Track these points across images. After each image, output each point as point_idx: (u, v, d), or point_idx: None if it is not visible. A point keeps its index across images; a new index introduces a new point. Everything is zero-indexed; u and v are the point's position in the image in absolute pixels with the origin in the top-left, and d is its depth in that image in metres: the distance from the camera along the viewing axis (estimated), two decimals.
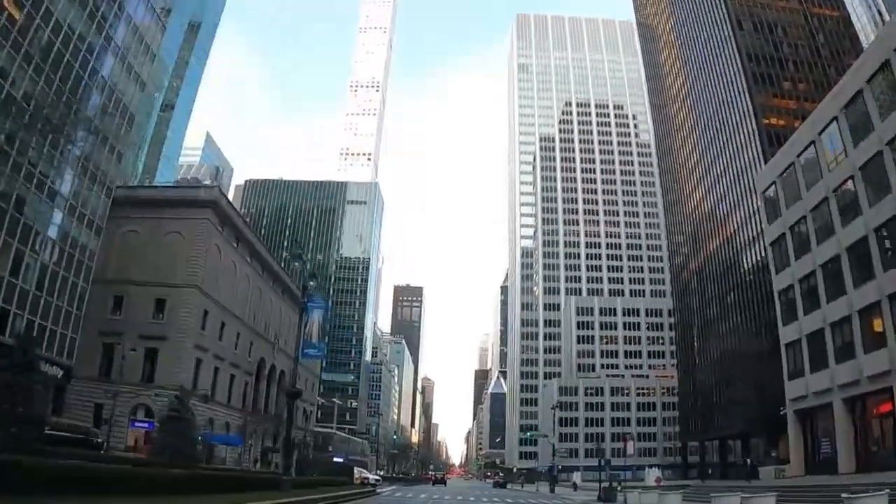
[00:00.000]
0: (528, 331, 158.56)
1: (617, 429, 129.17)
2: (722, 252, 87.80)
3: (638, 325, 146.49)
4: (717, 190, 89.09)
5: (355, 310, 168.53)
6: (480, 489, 78.58)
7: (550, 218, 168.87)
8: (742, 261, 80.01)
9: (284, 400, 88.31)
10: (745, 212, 77.56)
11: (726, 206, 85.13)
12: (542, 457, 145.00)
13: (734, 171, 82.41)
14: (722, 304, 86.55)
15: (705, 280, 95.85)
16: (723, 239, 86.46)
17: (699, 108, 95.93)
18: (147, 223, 58.53)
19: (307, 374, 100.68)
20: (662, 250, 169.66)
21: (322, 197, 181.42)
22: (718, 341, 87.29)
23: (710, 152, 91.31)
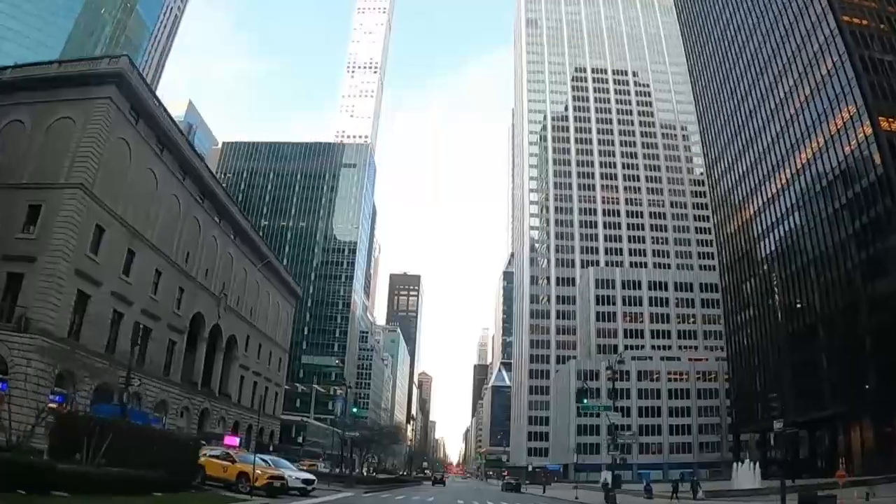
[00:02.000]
0: (538, 308, 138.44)
1: (645, 420, 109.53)
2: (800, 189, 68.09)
3: (665, 300, 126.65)
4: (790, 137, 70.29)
5: (341, 284, 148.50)
6: (489, 494, 58.57)
7: (563, 182, 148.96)
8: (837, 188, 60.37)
9: (238, 373, 68.15)
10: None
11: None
12: (553, 453, 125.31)
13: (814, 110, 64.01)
14: (803, 254, 66.64)
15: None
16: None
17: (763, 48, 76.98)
18: (35, 110, 40.75)
19: (270, 346, 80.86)
20: (688, 219, 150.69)
21: (308, 160, 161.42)
22: (798, 304, 67.50)
23: (778, 92, 72.68)
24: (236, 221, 69.06)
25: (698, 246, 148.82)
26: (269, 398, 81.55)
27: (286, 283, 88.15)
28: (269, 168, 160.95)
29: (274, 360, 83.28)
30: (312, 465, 77.82)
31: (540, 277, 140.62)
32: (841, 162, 60.18)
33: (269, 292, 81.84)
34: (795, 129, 70.39)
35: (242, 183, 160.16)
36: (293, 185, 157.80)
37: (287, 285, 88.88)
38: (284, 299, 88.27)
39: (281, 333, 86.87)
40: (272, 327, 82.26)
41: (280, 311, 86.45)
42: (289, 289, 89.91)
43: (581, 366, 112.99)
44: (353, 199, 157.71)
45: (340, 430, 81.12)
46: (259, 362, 76.97)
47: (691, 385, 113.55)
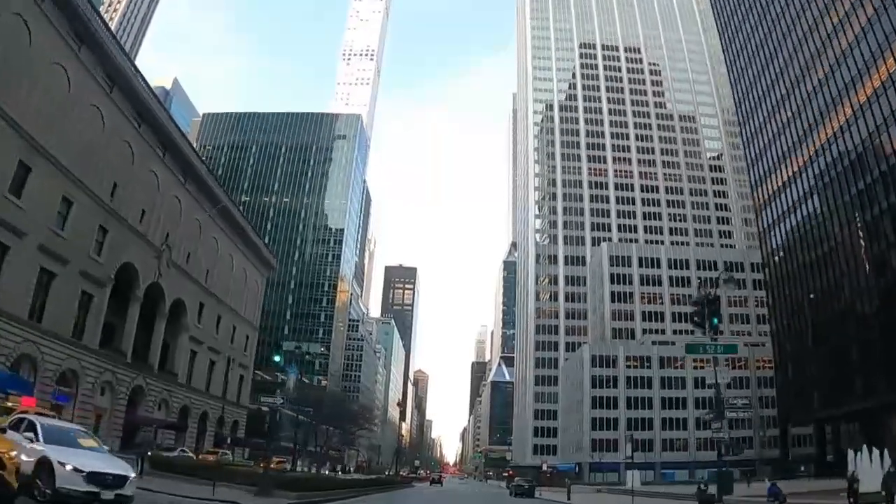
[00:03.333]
0: (545, 290, 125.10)
1: (669, 412, 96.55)
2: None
3: (687, 279, 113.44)
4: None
5: (328, 264, 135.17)
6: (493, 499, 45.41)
7: (572, 154, 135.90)
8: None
9: (187, 347, 54.31)
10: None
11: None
12: (562, 451, 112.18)
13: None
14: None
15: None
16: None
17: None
18: None
19: (232, 319, 67.76)
20: (708, 195, 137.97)
21: (294, 132, 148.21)
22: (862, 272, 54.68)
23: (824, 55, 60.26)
24: (187, 160, 55.82)
25: (718, 224, 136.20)
26: (231, 382, 68.37)
27: (255, 247, 74.75)
28: (251, 140, 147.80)
29: (238, 337, 69.94)
30: (281, 463, 64.75)
31: (546, 256, 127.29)
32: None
33: (234, 255, 68.63)
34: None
35: (223, 157, 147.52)
36: (277, 159, 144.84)
37: (257, 251, 75.51)
38: (254, 267, 74.96)
39: (248, 307, 73.48)
40: (236, 298, 69.00)
41: (248, 281, 73.13)
42: (259, 256, 76.53)
43: (596, 350, 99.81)
44: (342, 173, 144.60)
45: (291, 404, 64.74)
46: (217, 338, 63.68)
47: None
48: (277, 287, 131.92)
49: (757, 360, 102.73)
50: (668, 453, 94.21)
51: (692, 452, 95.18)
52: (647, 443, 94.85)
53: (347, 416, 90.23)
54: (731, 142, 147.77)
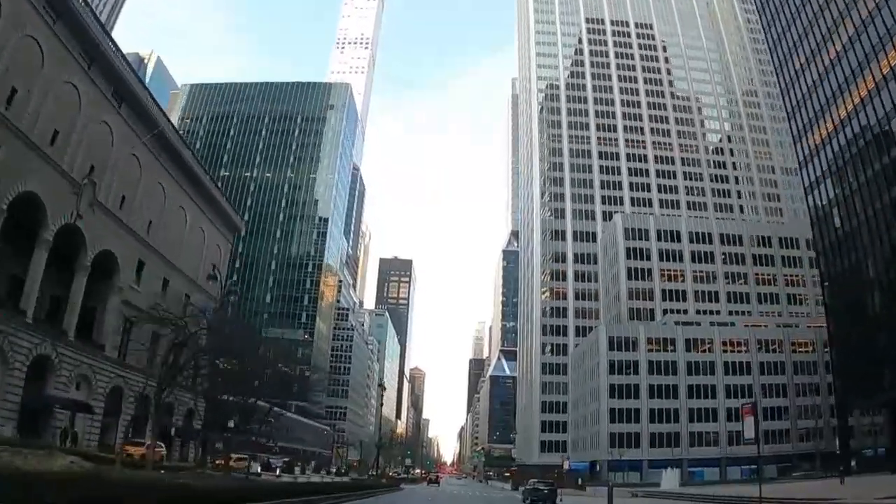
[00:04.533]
0: (553, 269, 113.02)
1: (697, 402, 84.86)
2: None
3: (711, 255, 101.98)
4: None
5: (312, 243, 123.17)
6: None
7: (580, 122, 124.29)
8: None
9: (119, 312, 41.94)
10: None
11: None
12: (574, 447, 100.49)
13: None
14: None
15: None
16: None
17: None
18: None
19: (185, 285, 56.13)
20: (727, 168, 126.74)
21: (277, 103, 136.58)
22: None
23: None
24: (120, 76, 44.10)
25: (739, 198, 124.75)
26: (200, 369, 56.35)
27: (216, 203, 62.76)
28: (233, 111, 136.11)
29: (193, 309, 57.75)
30: (241, 460, 53.02)
31: (552, 231, 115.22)
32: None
33: (187, 209, 56.80)
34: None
35: (202, 129, 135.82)
36: (259, 131, 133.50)
37: (218, 208, 63.53)
38: (214, 227, 63.01)
39: (207, 273, 61.42)
40: (191, 260, 57.24)
41: (207, 242, 61.20)
42: (221, 214, 64.52)
43: (613, 332, 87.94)
44: (329, 145, 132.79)
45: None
46: (165, 306, 51.75)
47: (752, 357, 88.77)
48: (256, 267, 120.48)
49: (791, 344, 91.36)
50: (696, 449, 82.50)
51: (723, 447, 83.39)
52: (672, 437, 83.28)
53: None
54: (750, 112, 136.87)
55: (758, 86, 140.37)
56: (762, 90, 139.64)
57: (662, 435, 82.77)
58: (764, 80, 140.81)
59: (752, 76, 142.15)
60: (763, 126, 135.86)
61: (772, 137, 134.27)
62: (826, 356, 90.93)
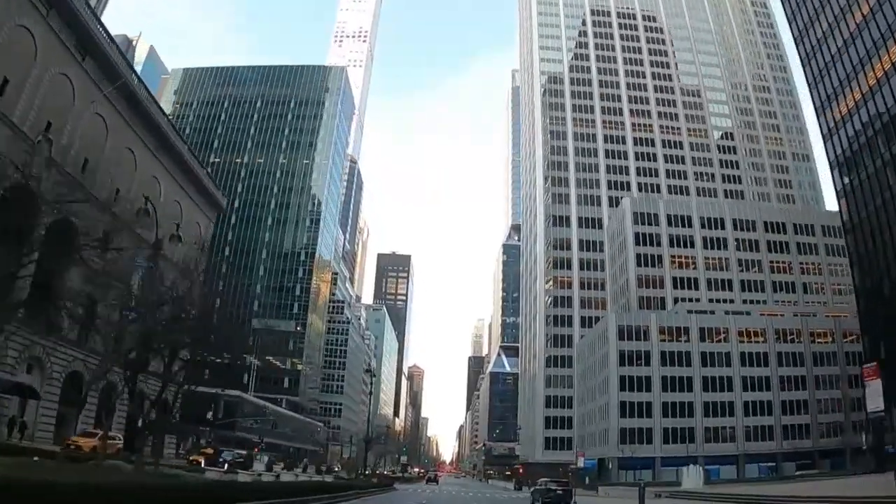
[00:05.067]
0: (558, 256, 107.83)
1: (712, 395, 79.74)
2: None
3: (724, 241, 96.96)
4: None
5: (305, 230, 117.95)
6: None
7: (585, 105, 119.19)
8: None
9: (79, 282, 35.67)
10: None
11: None
12: (580, 444, 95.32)
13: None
14: None
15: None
16: None
17: None
18: None
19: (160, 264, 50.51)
20: (737, 153, 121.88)
21: (270, 86, 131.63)
22: None
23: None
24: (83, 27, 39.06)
25: (750, 185, 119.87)
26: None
27: (195, 178, 57.62)
28: (223, 96, 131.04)
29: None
30: (207, 452, 47.83)
31: (557, 217, 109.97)
32: None
33: (161, 180, 51.72)
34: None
35: (192, 114, 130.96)
36: (251, 115, 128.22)
37: (197, 182, 58.37)
38: (193, 203, 57.89)
39: (186, 253, 56.22)
40: (166, 236, 51.82)
41: (183, 219, 55.82)
42: (201, 188, 59.39)
43: (623, 320, 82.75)
44: (323, 131, 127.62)
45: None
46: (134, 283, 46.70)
47: (769, 348, 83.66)
48: (246, 256, 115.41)
49: (810, 334, 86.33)
50: (711, 445, 77.35)
51: (740, 444, 78.39)
52: (686, 432, 78.02)
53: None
54: (759, 97, 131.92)
55: (767, 70, 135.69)
56: (771, 75, 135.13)
57: (676, 430, 77.63)
58: (773, 65, 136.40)
59: (761, 61, 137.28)
60: (773, 111, 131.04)
61: (782, 123, 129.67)
62: (846, 346, 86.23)
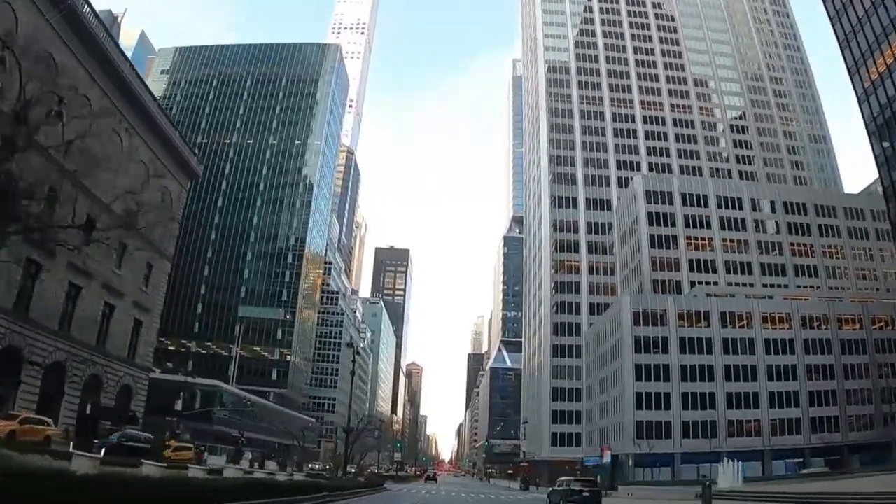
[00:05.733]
0: (564, 239, 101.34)
1: (735, 385, 73.45)
2: None
3: (741, 222, 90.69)
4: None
5: (295, 213, 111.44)
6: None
7: (592, 82, 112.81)
8: None
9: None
10: None
11: None
12: (589, 440, 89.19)
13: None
14: None
15: None
16: None
17: None
18: None
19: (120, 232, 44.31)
20: (750, 133, 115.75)
21: (260, 64, 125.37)
22: None
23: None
24: None
25: (765, 166, 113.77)
26: (115, 325, 45.06)
27: (163, 135, 50.86)
28: (211, 74, 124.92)
29: (135, 264, 46.57)
30: (180, 453, 40.78)
31: (563, 199, 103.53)
32: None
33: (124, 135, 45.12)
34: None
35: (179, 94, 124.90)
36: (241, 94, 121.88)
37: (167, 143, 51.63)
38: (163, 165, 51.15)
39: (153, 222, 49.74)
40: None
41: (149, 182, 49.35)
42: (172, 150, 52.62)
43: (638, 304, 76.32)
44: (316, 110, 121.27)
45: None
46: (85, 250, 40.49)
47: (795, 334, 77.38)
48: (234, 239, 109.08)
49: (837, 320, 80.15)
50: (734, 439, 71.01)
51: (766, 438, 72.04)
52: (708, 426, 71.55)
53: None
54: (772, 76, 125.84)
55: (780, 49, 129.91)
56: (785, 54, 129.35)
57: (697, 423, 71.21)
58: (786, 44, 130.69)
59: (773, 39, 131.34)
60: (787, 91, 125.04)
61: (797, 104, 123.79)
62: (875, 334, 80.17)
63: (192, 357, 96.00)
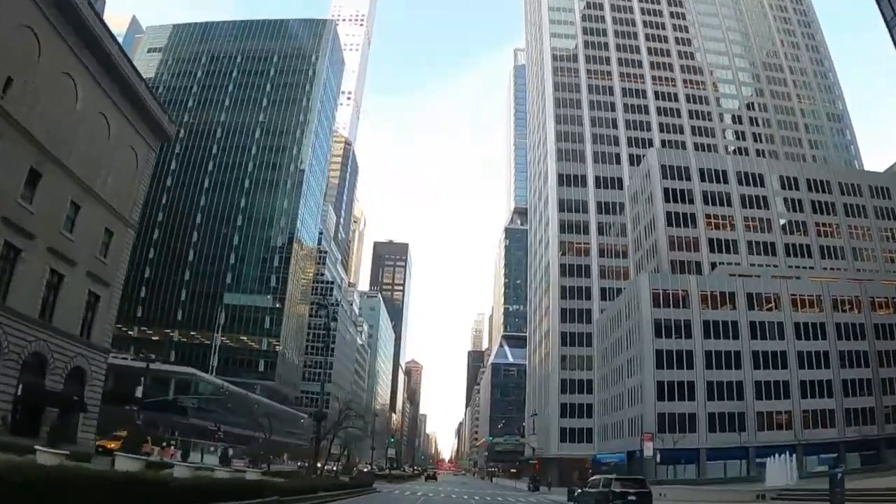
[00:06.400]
0: (573, 220, 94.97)
1: (764, 373, 67.25)
2: None
3: (763, 199, 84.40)
4: None
5: (284, 194, 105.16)
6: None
7: (599, 56, 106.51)
8: None
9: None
10: None
11: None
12: (603, 436, 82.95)
13: None
14: None
15: None
16: None
17: None
18: None
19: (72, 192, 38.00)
20: (768, 111, 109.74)
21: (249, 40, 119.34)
22: None
23: None
24: None
25: (784, 145, 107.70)
26: (65, 298, 38.45)
27: (128, 88, 44.06)
28: (199, 51, 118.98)
29: (86, 226, 39.82)
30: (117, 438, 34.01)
31: (572, 177, 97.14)
32: None
33: (79, 81, 38.46)
34: None
35: (166, 72, 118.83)
36: (230, 72, 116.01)
37: (133, 97, 44.76)
38: (126, 121, 44.24)
39: (115, 184, 43.18)
40: (84, 157, 38.90)
41: (112, 139, 42.70)
42: (138, 105, 45.78)
43: (658, 284, 70.03)
44: (309, 87, 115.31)
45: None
46: (31, 210, 34.12)
47: (826, 317, 71.19)
48: (220, 222, 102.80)
49: (870, 302, 74.00)
50: (766, 433, 64.68)
51: (798, 431, 65.69)
52: (735, 418, 65.18)
53: None
54: (788, 53, 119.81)
55: (795, 26, 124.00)
56: (800, 31, 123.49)
57: (724, 416, 64.83)
58: (800, 20, 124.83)
59: (788, 15, 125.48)
60: (804, 69, 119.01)
61: (814, 82, 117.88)
62: None
63: (174, 347, 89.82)
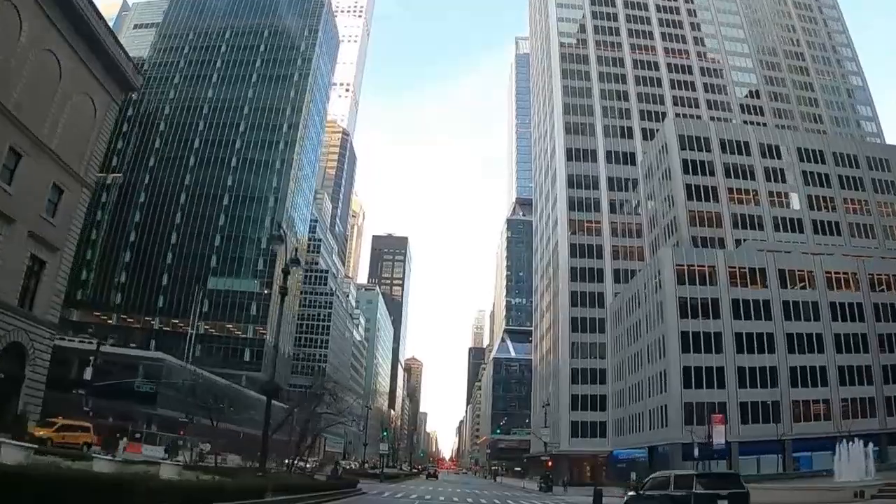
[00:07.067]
0: (583, 197, 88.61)
1: (799, 358, 61.00)
2: None
3: (788, 173, 78.26)
4: None
5: (274, 172, 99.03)
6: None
7: (609, 27, 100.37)
8: None
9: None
10: None
11: None
12: (618, 429, 76.67)
13: None
14: None
15: None
16: None
17: None
18: None
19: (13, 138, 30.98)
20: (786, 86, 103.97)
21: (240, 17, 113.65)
22: None
23: None
24: None
25: (803, 120, 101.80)
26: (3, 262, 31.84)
27: (84, 25, 37.31)
28: (186, 27, 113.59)
29: (34, 183, 33.16)
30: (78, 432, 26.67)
31: (581, 151, 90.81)
32: None
33: (24, 12, 31.79)
34: None
35: (152, 49, 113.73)
36: (218, 47, 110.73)
37: (89, 36, 38.02)
38: (83, 66, 37.30)
39: (68, 138, 36.29)
40: (30, 103, 32.21)
41: (63, 85, 35.91)
42: (95, 48, 39.02)
43: (683, 258, 63.79)
44: (301, 62, 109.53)
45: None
46: None
47: (864, 297, 65.06)
48: (206, 202, 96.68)
49: None
50: (802, 424, 58.40)
51: (837, 422, 59.23)
52: (769, 408, 58.70)
53: None
54: (806, 27, 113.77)
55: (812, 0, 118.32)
56: (816, 5, 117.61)
57: (756, 405, 58.36)
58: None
59: None
60: (822, 43, 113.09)
61: (832, 55, 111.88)
62: None
63: (154, 335, 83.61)
